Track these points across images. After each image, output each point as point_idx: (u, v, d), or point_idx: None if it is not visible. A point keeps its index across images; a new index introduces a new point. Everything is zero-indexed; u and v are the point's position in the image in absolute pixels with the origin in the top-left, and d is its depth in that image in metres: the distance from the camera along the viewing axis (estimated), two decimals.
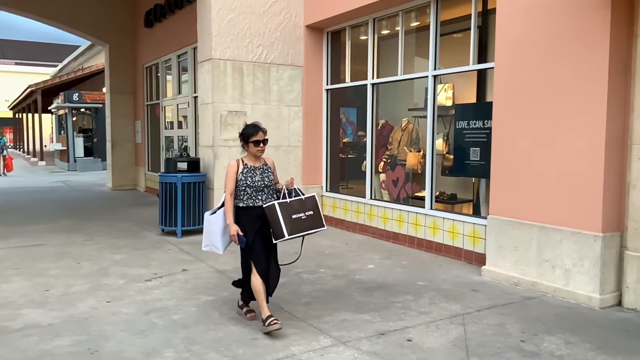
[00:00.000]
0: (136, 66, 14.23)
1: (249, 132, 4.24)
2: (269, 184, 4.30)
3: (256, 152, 4.26)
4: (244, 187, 4.21)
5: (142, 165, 14.13)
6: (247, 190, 4.22)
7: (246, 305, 4.51)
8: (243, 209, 4.24)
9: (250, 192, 4.22)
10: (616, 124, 4.79)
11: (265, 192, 4.27)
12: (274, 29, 8.48)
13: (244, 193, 4.23)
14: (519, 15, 5.44)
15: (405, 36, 7.57)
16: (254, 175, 4.24)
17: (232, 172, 4.23)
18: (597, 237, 4.77)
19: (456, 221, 6.56)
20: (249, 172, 4.24)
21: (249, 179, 4.22)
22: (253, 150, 4.26)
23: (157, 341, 3.98)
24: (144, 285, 5.42)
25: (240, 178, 4.22)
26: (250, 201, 4.23)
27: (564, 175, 5.03)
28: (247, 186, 4.21)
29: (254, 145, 4.24)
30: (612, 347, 3.90)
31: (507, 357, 3.72)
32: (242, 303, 4.55)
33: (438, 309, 4.72)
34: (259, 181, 4.24)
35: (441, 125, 7.45)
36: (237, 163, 4.27)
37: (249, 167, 4.27)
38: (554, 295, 5.07)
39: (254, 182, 4.22)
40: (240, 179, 4.22)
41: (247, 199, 4.23)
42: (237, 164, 4.26)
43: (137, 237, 7.84)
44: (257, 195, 4.24)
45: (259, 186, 4.24)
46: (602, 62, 4.72)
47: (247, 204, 4.23)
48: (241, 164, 4.26)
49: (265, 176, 4.28)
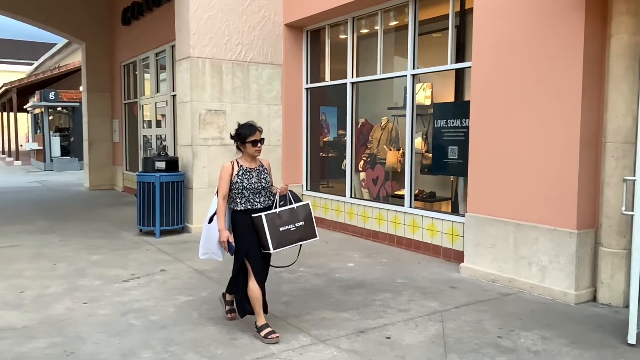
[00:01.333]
0: (113, 64, 14.05)
1: (246, 132, 4.04)
2: (266, 186, 4.11)
3: (254, 152, 4.07)
4: (240, 189, 4.01)
5: (120, 165, 13.96)
6: (244, 193, 4.02)
7: (265, 326, 4.01)
8: (240, 212, 4.05)
9: (247, 195, 4.03)
10: (590, 123, 4.88)
11: (262, 194, 4.09)
12: (253, 27, 8.44)
13: (240, 196, 4.03)
14: (495, 15, 5.50)
15: (384, 35, 7.60)
16: (250, 177, 4.05)
17: (225, 175, 4.03)
18: (572, 234, 4.84)
19: (435, 219, 6.61)
20: (245, 173, 4.04)
21: (245, 181, 4.02)
22: (251, 150, 4.06)
23: (135, 342, 3.94)
24: (121, 286, 5.36)
25: (235, 180, 4.02)
26: (248, 204, 4.04)
27: (540, 173, 5.10)
28: (244, 189, 4.01)
29: (252, 146, 4.04)
30: (586, 342, 3.97)
31: (484, 353, 3.76)
32: (228, 297, 4.40)
33: (417, 306, 4.75)
34: (256, 183, 4.05)
35: (420, 124, 7.49)
36: (232, 165, 4.06)
37: (245, 168, 4.06)
38: (530, 291, 5.14)
39: (250, 184, 4.03)
40: (235, 181, 4.02)
41: (245, 201, 4.04)
42: (231, 166, 4.05)
43: (114, 238, 7.75)
44: (255, 198, 4.05)
45: (256, 188, 4.05)
46: (576, 61, 4.80)
47: (245, 207, 4.04)
48: (236, 166, 4.06)
49: (262, 178, 4.09)
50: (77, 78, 19.05)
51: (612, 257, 4.80)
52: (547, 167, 5.04)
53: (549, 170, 5.03)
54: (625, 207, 4.15)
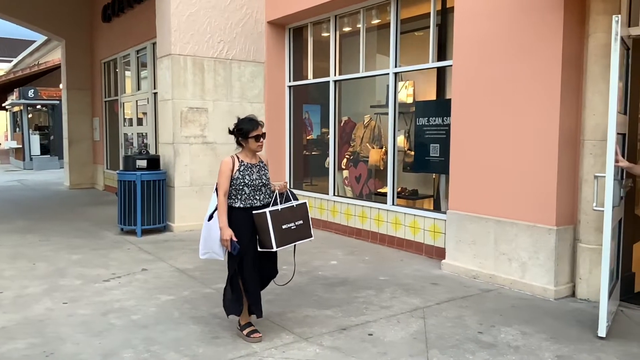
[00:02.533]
0: (94, 62, 13.89)
1: (249, 127, 3.88)
2: (266, 183, 3.98)
3: (256, 147, 3.92)
4: (241, 186, 3.86)
5: (101, 163, 13.81)
6: (245, 189, 3.87)
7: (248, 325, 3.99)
8: (239, 209, 3.88)
9: (248, 192, 3.88)
10: (569, 121, 4.95)
11: (262, 191, 3.94)
12: (235, 25, 8.41)
13: (241, 193, 3.87)
14: (476, 14, 5.54)
15: (366, 33, 7.62)
16: (252, 174, 3.90)
17: (226, 170, 3.85)
18: (552, 230, 4.91)
19: (417, 216, 6.65)
20: (246, 169, 3.89)
21: (247, 177, 3.87)
22: (253, 146, 3.90)
23: (116, 342, 3.91)
24: (102, 285, 5.31)
25: (237, 176, 3.85)
26: (248, 201, 3.89)
27: (520, 170, 5.16)
28: (245, 185, 3.86)
29: (255, 141, 3.89)
30: (565, 336, 4.03)
31: (465, 348, 3.80)
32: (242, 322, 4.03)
33: (399, 303, 4.78)
34: (257, 179, 3.91)
35: (402, 122, 7.53)
36: (232, 160, 3.89)
37: (246, 164, 3.90)
38: (510, 287, 5.20)
39: (252, 180, 3.88)
40: (236, 177, 3.85)
41: (245, 198, 3.88)
42: (232, 161, 3.88)
43: (95, 237, 7.67)
44: (255, 195, 3.91)
45: (257, 185, 3.90)
46: (555, 60, 4.86)
47: (245, 204, 3.88)
48: (237, 161, 3.89)
49: (262, 174, 3.95)
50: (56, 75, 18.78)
51: (591, 253, 4.87)
52: (527, 164, 5.10)
53: (528, 167, 5.09)
54: (596, 203, 4.23)
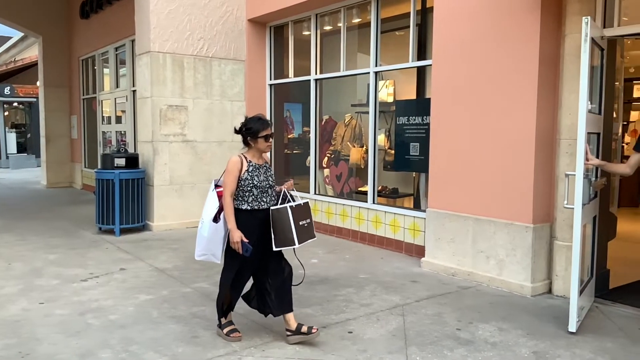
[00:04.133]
0: (71, 59, 13.70)
1: (259, 127, 3.74)
2: (272, 184, 3.85)
3: (266, 148, 3.81)
4: (250, 187, 3.71)
5: (79, 162, 13.63)
6: (253, 191, 3.73)
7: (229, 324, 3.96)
8: (246, 212, 3.74)
9: (256, 194, 3.74)
10: (546, 120, 5.02)
11: (268, 193, 3.82)
12: (215, 22, 8.36)
13: (248, 194, 3.73)
14: (455, 14, 5.59)
15: (347, 32, 7.63)
16: (259, 175, 3.77)
17: (234, 170, 3.69)
18: (529, 228, 4.98)
19: (397, 215, 6.69)
20: (255, 170, 3.75)
21: (255, 178, 3.73)
22: (263, 146, 3.78)
23: (93, 342, 3.86)
24: (79, 285, 5.24)
25: (245, 177, 3.71)
26: (255, 203, 3.75)
27: (497, 169, 5.22)
28: (254, 186, 3.72)
29: (265, 141, 3.77)
30: (541, 333, 4.09)
31: (443, 345, 3.83)
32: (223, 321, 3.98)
33: (379, 300, 4.81)
34: (264, 181, 3.78)
35: (383, 121, 7.57)
36: (241, 159, 3.74)
37: (254, 164, 3.77)
38: (488, 284, 5.26)
39: (260, 181, 3.75)
40: (245, 177, 3.71)
41: (252, 200, 3.74)
42: (240, 161, 3.72)
43: (73, 236, 7.56)
44: (263, 197, 3.78)
45: (264, 186, 3.77)
46: (532, 60, 4.93)
47: (252, 206, 3.74)
48: (245, 161, 3.75)
49: (268, 175, 3.84)
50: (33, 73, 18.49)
51: (566, 250, 4.95)
52: (505, 163, 5.16)
53: (506, 166, 5.15)
54: (567, 201, 4.30)
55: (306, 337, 3.80)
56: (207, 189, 8.33)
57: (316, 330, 3.81)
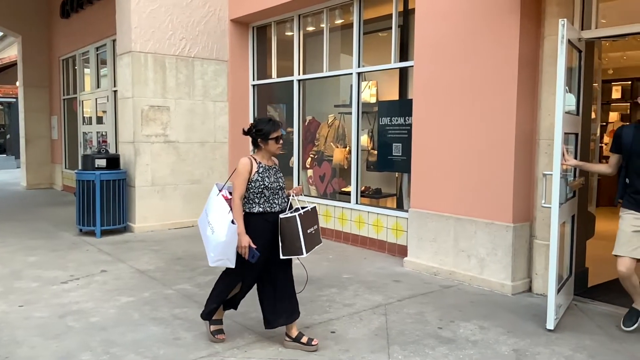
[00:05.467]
0: (52, 58, 13.52)
1: (270, 129, 3.68)
2: (283, 186, 3.79)
3: (276, 150, 3.74)
4: (261, 189, 3.64)
5: (59, 163, 13.46)
6: (265, 192, 3.66)
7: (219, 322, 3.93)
8: (257, 215, 3.65)
9: (267, 195, 3.67)
10: (525, 121, 5.08)
11: (279, 195, 3.75)
12: (198, 22, 8.32)
13: (260, 196, 3.65)
14: (436, 15, 5.64)
15: (330, 33, 7.65)
16: (270, 176, 3.70)
17: (244, 172, 3.62)
18: (509, 227, 5.04)
19: (380, 215, 6.72)
20: (265, 171, 3.69)
21: (266, 179, 3.67)
22: (273, 148, 3.72)
23: (73, 345, 3.82)
24: (59, 287, 5.18)
25: (255, 179, 3.63)
26: (267, 205, 3.67)
27: (478, 169, 5.28)
28: (265, 188, 3.65)
29: (276, 143, 3.71)
30: (521, 331, 4.14)
31: (425, 343, 3.86)
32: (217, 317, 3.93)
33: (362, 300, 4.83)
34: (274, 182, 3.71)
35: (366, 121, 7.60)
36: (251, 161, 3.66)
37: (264, 166, 3.71)
38: (469, 283, 5.31)
39: (270, 183, 3.68)
40: (255, 179, 3.63)
41: (264, 202, 3.66)
42: (250, 162, 3.65)
43: (53, 238, 7.47)
44: (274, 199, 3.71)
45: (275, 188, 3.70)
46: (512, 62, 4.99)
47: (264, 209, 3.66)
48: (255, 163, 3.67)
49: (279, 177, 3.77)
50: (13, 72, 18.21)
51: (546, 249, 5.00)
52: (485, 163, 5.22)
53: (486, 166, 5.21)
54: (544, 200, 4.37)
55: (304, 347, 3.76)
56: (189, 190, 8.38)
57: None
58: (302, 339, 3.78)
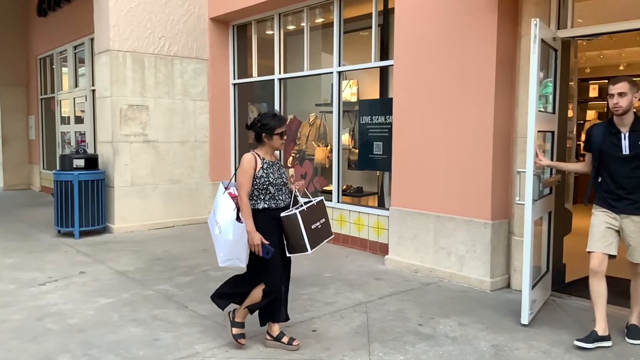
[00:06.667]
0: (29, 57, 13.32)
1: (275, 124, 3.62)
2: (286, 182, 3.73)
3: (280, 145, 3.70)
4: (266, 185, 3.58)
5: (37, 163, 13.27)
6: (270, 189, 3.60)
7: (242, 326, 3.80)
8: (263, 211, 3.60)
9: (272, 192, 3.61)
10: (503, 119, 5.14)
11: (283, 190, 3.69)
12: (177, 21, 8.26)
13: (265, 192, 3.60)
14: (415, 14, 5.67)
15: (310, 32, 7.65)
16: (274, 172, 3.64)
17: (249, 168, 3.56)
18: (487, 224, 5.10)
19: (362, 213, 6.74)
20: (269, 167, 3.63)
21: (271, 175, 3.61)
22: (277, 143, 3.67)
23: (52, 347, 3.77)
24: (37, 289, 5.10)
25: (260, 175, 3.58)
26: (272, 201, 3.62)
27: (457, 167, 5.32)
28: (270, 184, 3.59)
29: (280, 138, 3.66)
30: (500, 326, 4.19)
31: (405, 340, 3.89)
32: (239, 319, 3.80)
33: (343, 298, 4.84)
34: (278, 178, 3.65)
35: (347, 120, 7.61)
36: (254, 157, 3.60)
37: (268, 162, 3.65)
38: (449, 280, 5.36)
39: (275, 179, 3.62)
40: (260, 175, 3.58)
41: (269, 199, 3.61)
42: (254, 159, 3.59)
43: (30, 240, 7.36)
44: (279, 195, 3.65)
45: (279, 184, 3.65)
46: (490, 61, 5.04)
47: (269, 205, 3.61)
48: (259, 159, 3.62)
49: (282, 172, 3.72)
50: None
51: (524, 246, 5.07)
52: (464, 161, 5.27)
53: (465, 164, 5.26)
54: (519, 197, 4.43)
55: (285, 346, 3.75)
56: (169, 190, 8.32)
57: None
58: (282, 339, 3.77)
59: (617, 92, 3.78)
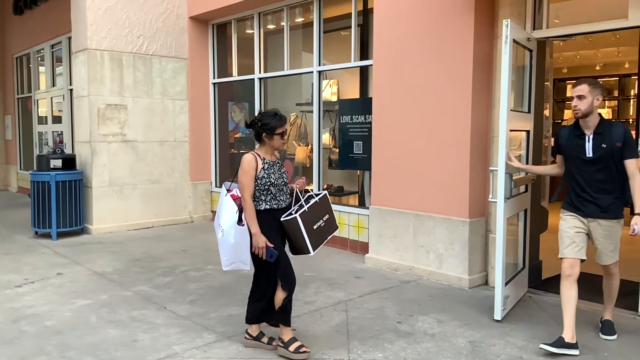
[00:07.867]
0: (5, 57, 13.09)
1: (276, 123, 3.55)
2: (287, 182, 3.68)
3: (281, 145, 3.66)
4: (267, 185, 3.52)
5: (14, 164, 13.06)
6: (271, 189, 3.54)
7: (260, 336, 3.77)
8: (264, 212, 3.54)
9: (274, 192, 3.56)
10: (480, 119, 5.20)
11: (284, 191, 3.64)
12: (156, 19, 8.19)
13: (266, 193, 3.54)
14: (394, 15, 5.70)
15: (290, 32, 7.65)
16: (274, 172, 3.59)
17: (250, 169, 3.49)
18: (465, 222, 5.16)
19: (342, 212, 6.76)
20: (270, 167, 3.57)
21: (272, 176, 3.55)
22: (278, 143, 3.62)
23: (28, 349, 3.72)
24: (13, 291, 5.03)
25: (262, 175, 3.52)
26: (274, 202, 3.56)
27: (436, 166, 5.37)
28: (271, 185, 3.53)
29: (280, 138, 3.60)
30: (478, 323, 4.24)
31: (384, 338, 3.92)
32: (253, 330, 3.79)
33: (323, 297, 4.86)
34: (279, 178, 3.60)
35: (327, 119, 7.64)
36: (255, 158, 3.54)
37: (269, 162, 3.59)
38: (428, 278, 5.41)
39: (276, 179, 3.57)
40: (262, 176, 3.52)
41: (270, 199, 3.56)
42: (255, 159, 3.53)
43: (7, 241, 7.24)
44: (280, 196, 3.60)
45: (280, 184, 3.59)
46: (467, 61, 5.09)
47: (271, 206, 3.55)
48: (259, 159, 3.56)
49: (282, 172, 3.66)
50: None
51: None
52: (442, 160, 5.32)
53: (443, 163, 5.31)
54: (492, 195, 4.49)
55: (264, 346, 3.74)
56: (148, 190, 8.25)
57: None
58: (262, 339, 3.77)
59: (576, 95, 3.80)
